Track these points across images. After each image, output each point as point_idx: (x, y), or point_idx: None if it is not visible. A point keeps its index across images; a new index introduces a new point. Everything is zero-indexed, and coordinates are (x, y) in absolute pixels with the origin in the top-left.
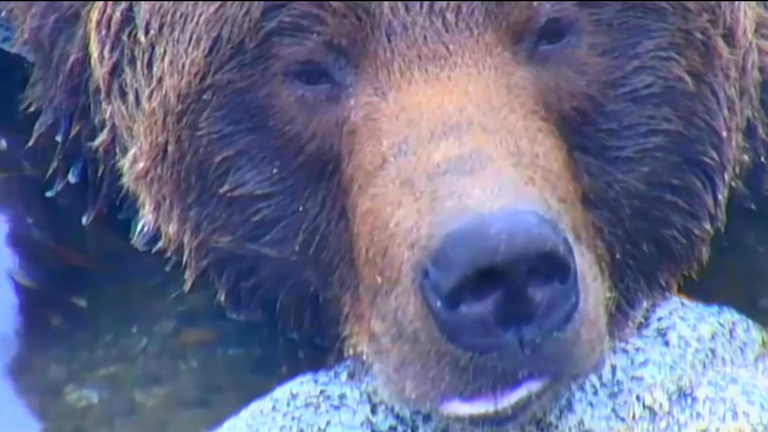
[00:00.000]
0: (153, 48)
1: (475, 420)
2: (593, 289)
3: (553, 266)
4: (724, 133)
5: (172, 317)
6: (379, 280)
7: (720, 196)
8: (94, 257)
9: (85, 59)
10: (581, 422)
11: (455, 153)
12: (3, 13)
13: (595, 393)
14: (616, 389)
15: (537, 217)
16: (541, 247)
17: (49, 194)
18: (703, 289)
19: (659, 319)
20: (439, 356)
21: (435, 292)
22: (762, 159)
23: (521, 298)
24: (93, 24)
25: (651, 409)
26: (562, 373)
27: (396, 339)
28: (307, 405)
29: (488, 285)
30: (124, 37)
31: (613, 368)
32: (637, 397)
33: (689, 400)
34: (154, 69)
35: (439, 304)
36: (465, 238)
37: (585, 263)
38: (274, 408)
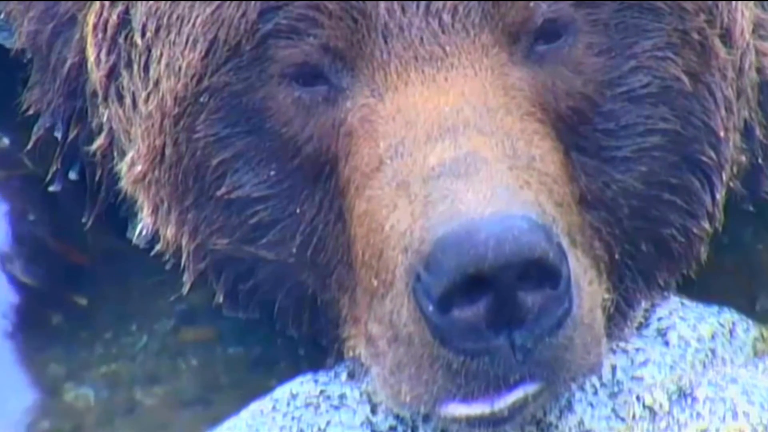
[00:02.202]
0: (150, 51)
1: (471, 421)
2: (588, 293)
3: (543, 272)
4: (722, 133)
5: (171, 315)
6: (375, 282)
7: (718, 196)
8: (94, 255)
9: (82, 62)
10: (581, 422)
11: (450, 155)
12: (2, 15)
13: (595, 393)
14: (616, 389)
15: (528, 223)
16: (529, 254)
17: (52, 188)
18: (702, 288)
19: (659, 319)
20: (432, 359)
21: (427, 296)
22: (759, 160)
23: (512, 303)
24: (90, 27)
25: (651, 409)
26: (555, 378)
27: (391, 342)
28: (307, 405)
29: (479, 289)
30: (121, 40)
31: (613, 368)
32: (637, 397)
33: (689, 400)
34: (151, 72)
35: (431, 308)
36: (454, 243)
37: (580, 268)
38: (274, 408)
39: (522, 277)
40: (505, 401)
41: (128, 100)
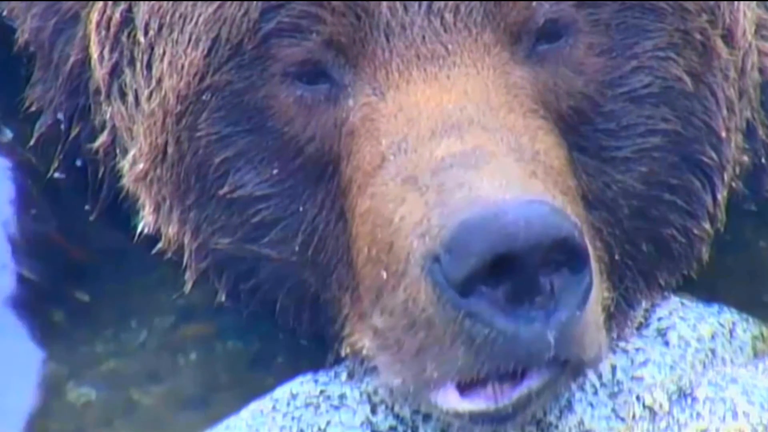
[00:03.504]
0: (152, 49)
1: (474, 417)
2: (596, 283)
3: (567, 253)
4: (723, 134)
5: (171, 311)
6: (384, 275)
7: (719, 196)
8: (96, 251)
9: (85, 60)
10: (581, 422)
11: (458, 149)
12: (4, 12)
13: (595, 393)
14: (616, 389)
15: (549, 206)
16: (557, 233)
17: (57, 175)
18: (704, 285)
19: (659, 319)
20: (454, 336)
21: (446, 279)
22: (762, 160)
23: (533, 286)
24: (93, 25)
25: (651, 409)
26: (577, 359)
27: (408, 329)
28: (307, 405)
29: (497, 276)
30: (124, 38)
31: (613, 368)
32: (637, 397)
33: (689, 400)
34: (154, 70)
35: (451, 291)
36: (482, 225)
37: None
38: (274, 408)
39: (543, 260)
40: (509, 398)
41: (130, 98)
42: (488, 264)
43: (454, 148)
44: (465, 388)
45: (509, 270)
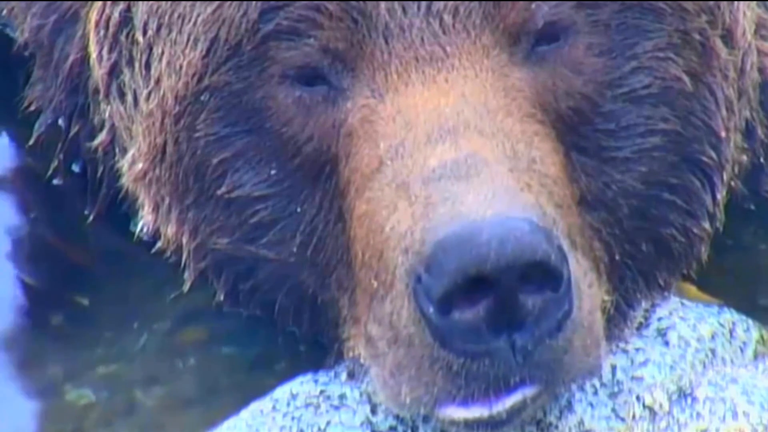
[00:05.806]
0: (151, 49)
1: (469, 424)
2: (588, 295)
3: (544, 274)
4: (723, 133)
5: (171, 315)
6: (374, 283)
7: (719, 196)
8: (95, 255)
9: (84, 59)
10: (581, 422)
11: (451, 157)
12: (4, 12)
13: (595, 393)
14: (616, 389)
15: (530, 225)
16: (531, 255)
17: (55, 182)
18: (702, 287)
19: (659, 319)
20: (432, 361)
21: (427, 297)
22: (761, 160)
23: (512, 304)
24: (92, 24)
25: (651, 409)
26: (554, 380)
27: (391, 343)
28: (307, 405)
29: (480, 291)
30: (123, 38)
31: (613, 368)
32: (637, 397)
33: (689, 400)
34: (152, 70)
35: (431, 309)
36: (455, 244)
37: (580, 270)
38: (274, 408)
39: (522, 279)
40: (503, 404)
41: (129, 98)
42: (462, 284)
43: (446, 156)
44: None
45: (489, 288)
